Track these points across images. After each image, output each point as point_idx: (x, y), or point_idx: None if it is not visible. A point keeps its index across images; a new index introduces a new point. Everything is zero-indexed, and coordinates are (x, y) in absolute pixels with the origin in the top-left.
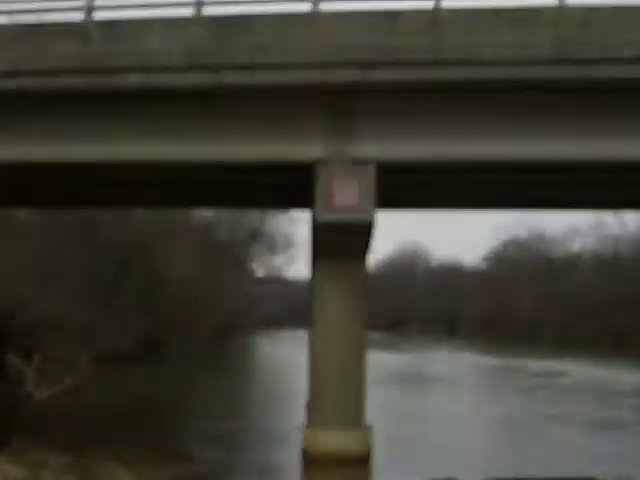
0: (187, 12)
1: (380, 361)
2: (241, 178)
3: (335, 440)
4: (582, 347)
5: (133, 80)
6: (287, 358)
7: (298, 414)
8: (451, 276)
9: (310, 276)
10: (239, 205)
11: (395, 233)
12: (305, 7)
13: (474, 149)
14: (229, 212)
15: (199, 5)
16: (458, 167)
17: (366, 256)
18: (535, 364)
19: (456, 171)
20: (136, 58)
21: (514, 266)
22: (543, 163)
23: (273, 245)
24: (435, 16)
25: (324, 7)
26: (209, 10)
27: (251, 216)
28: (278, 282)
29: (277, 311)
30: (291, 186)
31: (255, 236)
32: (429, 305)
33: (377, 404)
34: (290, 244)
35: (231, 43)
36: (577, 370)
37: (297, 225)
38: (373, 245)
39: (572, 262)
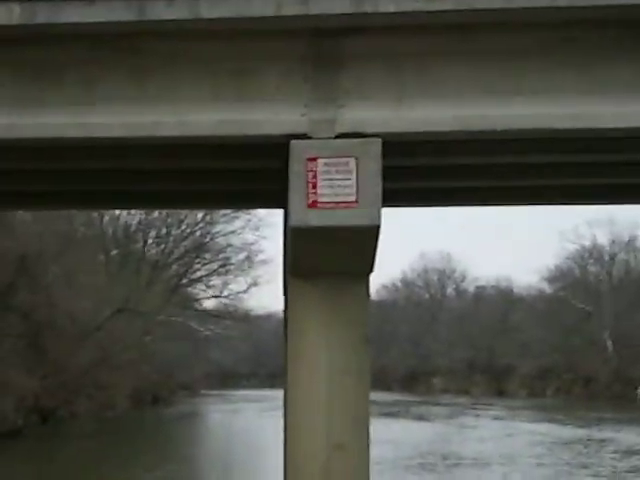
0: None
1: (394, 436)
2: (184, 164)
3: None
4: None
5: (10, 15)
6: (247, 434)
7: None
8: (496, 304)
9: (283, 308)
10: (183, 204)
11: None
12: None
13: (532, 114)
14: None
15: None
16: (503, 141)
17: (368, 277)
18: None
19: (498, 148)
20: None
21: (592, 289)
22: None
23: (228, 263)
24: None
25: None
26: None
27: (194, 220)
28: (236, 317)
29: (235, 360)
30: (256, 175)
31: (201, 251)
32: (463, 349)
33: None
34: (253, 261)
35: None
36: None
37: (265, 233)
38: (378, 260)
39: None
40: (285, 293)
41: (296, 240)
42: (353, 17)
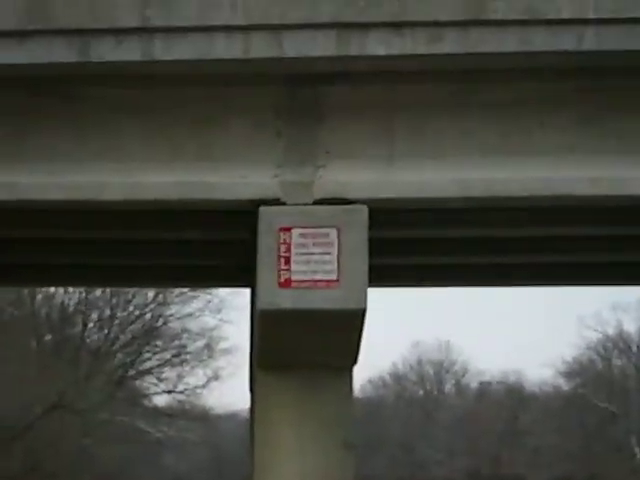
0: None
1: None
2: (133, 234)
3: None
4: None
5: None
6: None
7: None
8: (503, 403)
9: (250, 407)
10: (130, 282)
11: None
12: None
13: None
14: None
15: None
16: (510, 210)
17: (351, 371)
18: None
19: (505, 219)
20: None
21: (617, 385)
22: None
23: (183, 352)
24: None
25: None
26: None
27: (143, 301)
28: (193, 417)
29: (192, 469)
30: (219, 248)
31: (151, 337)
32: (465, 456)
33: None
34: (214, 350)
35: None
36: None
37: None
38: (363, 350)
39: None
40: (252, 389)
41: (265, 325)
42: (336, 61)
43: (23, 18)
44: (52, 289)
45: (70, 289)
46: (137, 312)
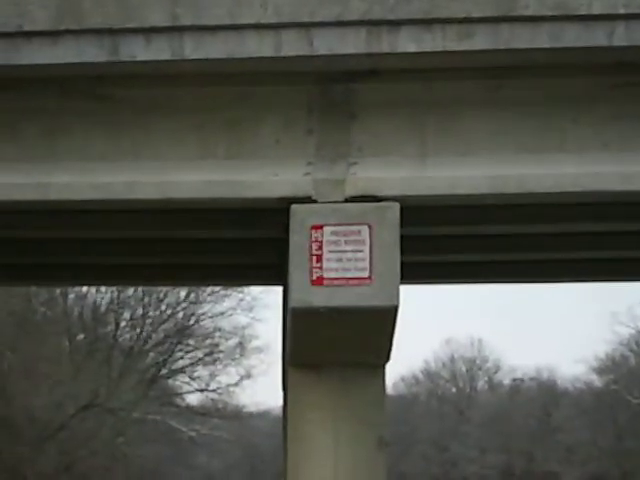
0: None
1: None
2: (164, 233)
3: None
4: None
5: None
6: None
7: None
8: (536, 400)
9: (282, 405)
10: (162, 280)
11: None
12: None
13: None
14: (136, 293)
15: None
16: (543, 206)
17: (384, 368)
18: None
19: (538, 215)
20: None
21: None
22: None
23: (216, 351)
24: None
25: None
26: None
27: (176, 299)
28: (225, 415)
29: (225, 466)
30: (250, 247)
31: (183, 336)
32: (498, 453)
33: None
34: (246, 349)
35: None
36: None
37: (260, 315)
38: (396, 348)
39: None
40: (284, 387)
41: (297, 324)
42: (366, 58)
43: (54, 18)
44: (84, 289)
45: (102, 288)
46: (169, 311)
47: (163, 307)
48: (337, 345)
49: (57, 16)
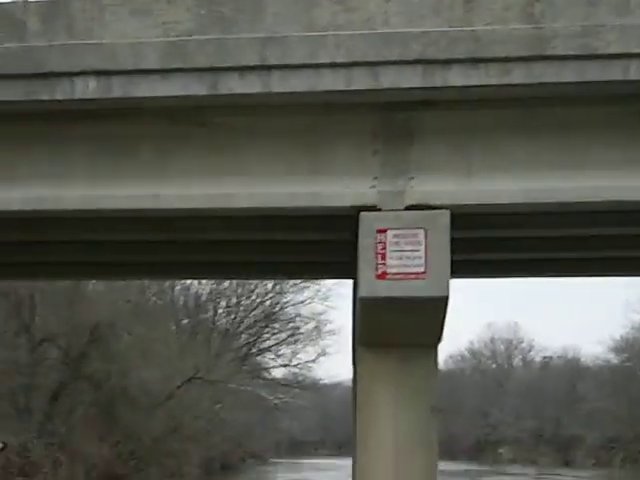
0: None
1: None
2: (256, 236)
3: None
4: None
5: (86, 89)
6: None
7: None
8: (563, 374)
9: (352, 378)
10: (253, 275)
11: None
12: None
13: (598, 187)
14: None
15: None
16: (571, 214)
17: (437, 348)
18: None
19: (565, 221)
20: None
21: None
22: None
23: (297, 333)
24: None
25: None
26: None
27: (264, 290)
28: (304, 386)
29: (304, 429)
30: (326, 247)
31: (270, 320)
32: (530, 419)
33: None
34: (322, 331)
35: (232, 31)
36: None
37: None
38: (446, 330)
39: None
40: (354, 363)
41: (365, 311)
42: (423, 91)
43: (164, 58)
44: (188, 281)
45: (203, 281)
46: (259, 300)
47: (253, 297)
48: (397, 328)
49: (166, 56)
